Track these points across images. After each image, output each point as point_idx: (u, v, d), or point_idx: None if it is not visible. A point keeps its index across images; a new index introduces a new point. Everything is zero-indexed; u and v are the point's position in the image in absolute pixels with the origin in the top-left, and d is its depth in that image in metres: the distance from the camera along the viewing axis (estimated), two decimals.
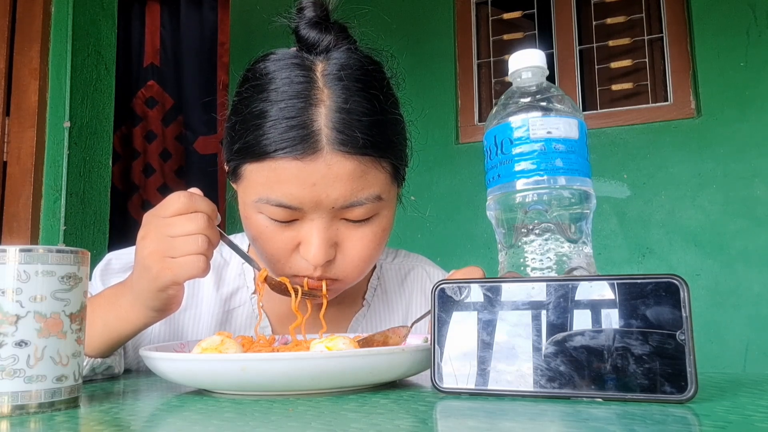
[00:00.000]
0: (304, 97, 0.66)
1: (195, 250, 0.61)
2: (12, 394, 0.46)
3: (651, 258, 2.24)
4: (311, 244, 0.67)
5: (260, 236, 0.70)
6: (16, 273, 0.46)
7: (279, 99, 0.66)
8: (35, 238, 1.76)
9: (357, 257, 0.70)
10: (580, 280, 0.48)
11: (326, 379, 0.52)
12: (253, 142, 0.66)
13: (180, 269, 0.61)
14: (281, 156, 0.64)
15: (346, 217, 0.68)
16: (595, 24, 2.51)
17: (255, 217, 0.69)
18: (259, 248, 0.71)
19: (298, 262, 0.69)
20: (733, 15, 2.25)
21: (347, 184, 0.66)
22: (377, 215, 0.70)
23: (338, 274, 0.70)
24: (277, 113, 0.65)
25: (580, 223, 0.56)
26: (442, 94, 2.61)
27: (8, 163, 1.82)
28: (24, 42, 1.85)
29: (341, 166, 0.65)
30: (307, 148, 0.64)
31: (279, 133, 0.65)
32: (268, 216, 0.68)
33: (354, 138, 0.65)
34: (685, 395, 0.43)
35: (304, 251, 0.68)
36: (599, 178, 2.29)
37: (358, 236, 0.69)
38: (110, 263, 0.86)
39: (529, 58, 0.59)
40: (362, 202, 0.67)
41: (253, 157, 0.66)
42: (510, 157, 0.56)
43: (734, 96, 2.22)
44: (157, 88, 2.78)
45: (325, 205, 0.66)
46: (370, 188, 0.67)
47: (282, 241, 0.68)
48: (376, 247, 0.71)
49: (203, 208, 0.62)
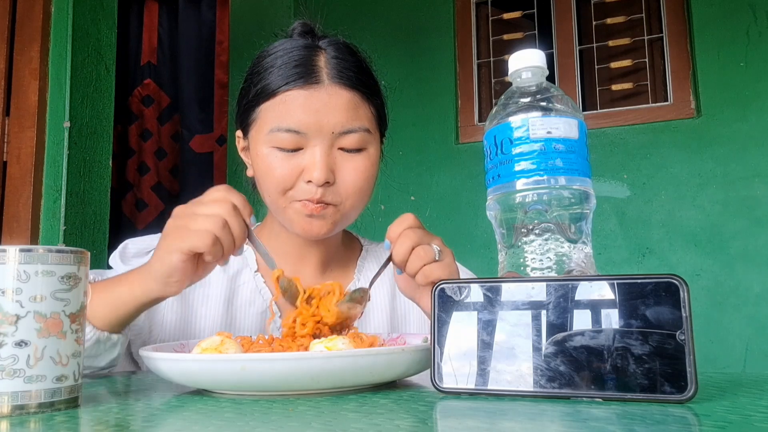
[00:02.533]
0: (306, 48, 0.84)
1: (208, 227, 0.66)
2: (12, 394, 0.46)
3: (651, 258, 2.24)
4: (314, 165, 0.80)
5: (269, 169, 0.82)
6: (16, 273, 0.46)
7: (286, 53, 0.83)
8: (35, 238, 1.76)
9: (351, 184, 0.83)
10: (580, 280, 0.48)
11: (326, 379, 0.52)
12: (266, 84, 0.82)
13: (188, 238, 0.66)
14: (290, 88, 0.81)
15: (341, 146, 0.82)
16: (595, 24, 2.51)
17: (265, 153, 0.82)
18: (267, 185, 0.83)
19: (301, 188, 0.81)
20: (733, 15, 2.25)
21: (344, 112, 0.81)
22: (366, 149, 0.84)
23: (336, 199, 0.82)
24: (284, 61, 0.83)
25: (580, 223, 0.56)
26: (442, 94, 2.61)
27: (8, 163, 1.82)
28: (24, 42, 1.85)
29: (339, 96, 0.81)
30: (311, 81, 0.81)
31: (287, 72, 0.81)
32: (278, 146, 0.81)
33: (348, 76, 0.83)
34: (685, 395, 0.43)
35: (308, 173, 0.80)
36: (599, 178, 2.29)
37: (352, 165, 0.83)
38: (126, 247, 0.92)
39: (529, 58, 0.59)
40: (355, 130, 0.82)
41: (266, 96, 0.82)
42: (510, 157, 0.56)
43: (734, 96, 2.22)
44: (154, 87, 2.77)
45: (326, 130, 0.80)
46: (361, 120, 0.83)
47: (288, 168, 0.81)
48: (366, 178, 0.84)
49: (235, 200, 0.68)
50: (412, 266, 0.69)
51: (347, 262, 0.98)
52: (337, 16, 2.50)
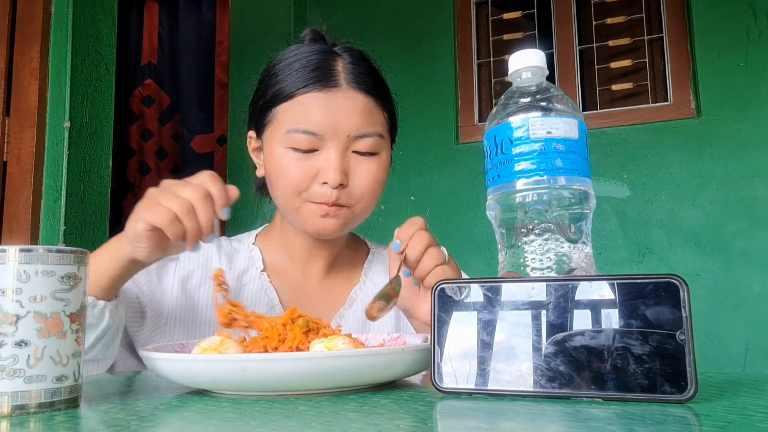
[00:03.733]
0: (323, 52, 0.86)
1: (173, 206, 0.65)
2: (12, 394, 0.46)
3: (651, 258, 2.24)
4: (329, 167, 0.81)
5: (284, 169, 0.83)
6: (16, 273, 0.46)
7: (304, 56, 0.85)
8: (35, 238, 1.76)
9: (364, 186, 0.84)
10: (580, 280, 0.48)
11: (326, 379, 0.52)
12: (283, 86, 0.84)
13: (152, 211, 0.66)
14: (309, 90, 0.82)
15: (356, 150, 0.84)
16: (595, 24, 2.51)
17: (280, 153, 0.84)
18: (281, 184, 0.84)
19: (316, 190, 0.83)
20: (733, 15, 2.25)
21: (360, 116, 0.83)
22: (378, 154, 0.86)
23: (349, 201, 0.84)
24: (302, 64, 0.84)
25: (579, 223, 0.56)
26: (442, 94, 2.61)
27: (8, 163, 1.82)
28: (24, 42, 1.85)
29: (355, 100, 0.83)
30: (330, 84, 0.83)
31: (306, 75, 0.83)
32: (294, 147, 0.83)
33: (365, 81, 0.85)
34: (685, 395, 0.43)
35: (323, 175, 0.82)
36: (599, 178, 2.29)
37: (366, 168, 0.85)
38: None
39: (529, 58, 0.59)
40: (370, 134, 0.84)
41: (284, 98, 0.84)
42: (510, 157, 0.56)
43: (734, 96, 2.21)
44: (155, 87, 2.76)
45: (342, 133, 0.82)
46: (375, 125, 0.85)
47: (303, 170, 0.83)
48: (378, 181, 0.86)
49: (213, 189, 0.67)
50: (425, 266, 0.72)
51: (354, 264, 1.00)
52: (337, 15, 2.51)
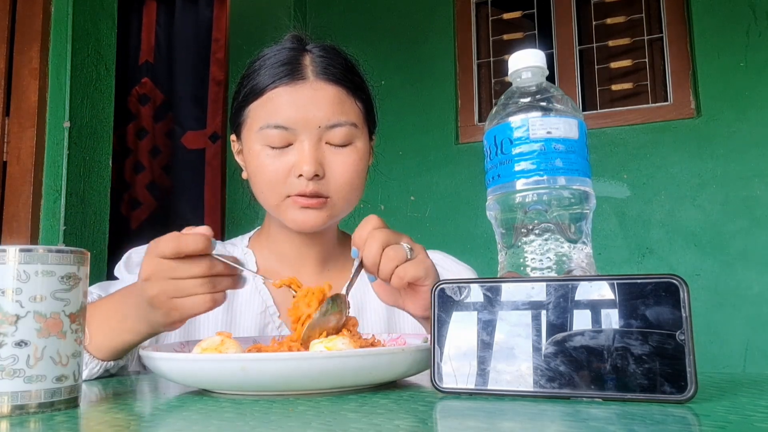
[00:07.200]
0: (293, 50, 0.87)
1: (201, 291, 0.64)
2: (12, 394, 0.46)
3: (651, 258, 2.24)
4: (303, 159, 0.82)
5: (261, 166, 0.84)
6: (16, 273, 0.46)
7: (273, 54, 0.87)
8: (35, 238, 1.76)
9: (341, 177, 0.85)
10: (580, 280, 0.48)
11: (326, 379, 0.52)
12: (254, 84, 0.86)
13: (188, 309, 0.64)
14: (277, 86, 0.84)
15: (329, 141, 0.84)
16: (595, 24, 2.51)
17: (257, 151, 0.85)
18: (260, 183, 0.85)
19: (292, 182, 0.83)
20: (733, 15, 2.25)
21: (329, 106, 0.84)
22: (353, 144, 0.86)
23: (327, 191, 0.84)
24: (272, 62, 0.86)
25: (579, 223, 0.56)
26: (442, 94, 2.61)
27: (8, 163, 1.81)
28: (24, 42, 1.84)
29: (324, 91, 0.84)
30: (297, 78, 0.84)
31: (274, 72, 0.85)
32: (268, 144, 0.84)
33: (333, 72, 0.85)
34: (685, 395, 0.43)
35: (297, 168, 0.82)
36: (599, 178, 2.29)
37: (341, 159, 0.85)
38: (130, 257, 0.93)
39: (529, 58, 0.59)
40: (342, 124, 0.84)
41: (255, 95, 0.85)
42: (510, 157, 0.56)
43: (734, 96, 2.21)
44: (150, 85, 2.75)
45: (313, 125, 0.83)
46: (347, 114, 0.85)
47: (279, 165, 0.83)
48: (355, 171, 0.86)
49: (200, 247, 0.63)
50: (385, 268, 0.64)
51: (345, 262, 0.99)
52: (336, 15, 2.51)
